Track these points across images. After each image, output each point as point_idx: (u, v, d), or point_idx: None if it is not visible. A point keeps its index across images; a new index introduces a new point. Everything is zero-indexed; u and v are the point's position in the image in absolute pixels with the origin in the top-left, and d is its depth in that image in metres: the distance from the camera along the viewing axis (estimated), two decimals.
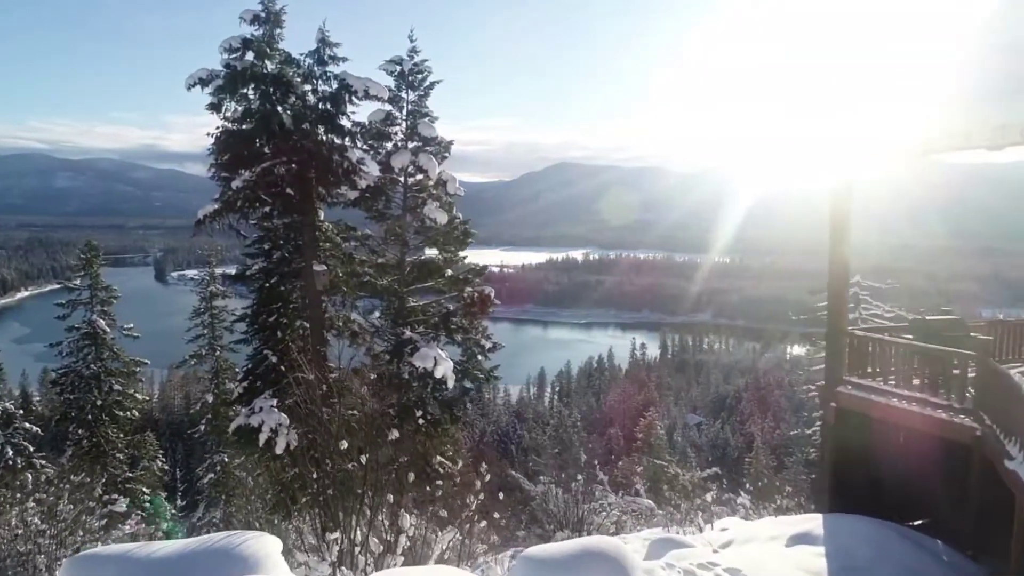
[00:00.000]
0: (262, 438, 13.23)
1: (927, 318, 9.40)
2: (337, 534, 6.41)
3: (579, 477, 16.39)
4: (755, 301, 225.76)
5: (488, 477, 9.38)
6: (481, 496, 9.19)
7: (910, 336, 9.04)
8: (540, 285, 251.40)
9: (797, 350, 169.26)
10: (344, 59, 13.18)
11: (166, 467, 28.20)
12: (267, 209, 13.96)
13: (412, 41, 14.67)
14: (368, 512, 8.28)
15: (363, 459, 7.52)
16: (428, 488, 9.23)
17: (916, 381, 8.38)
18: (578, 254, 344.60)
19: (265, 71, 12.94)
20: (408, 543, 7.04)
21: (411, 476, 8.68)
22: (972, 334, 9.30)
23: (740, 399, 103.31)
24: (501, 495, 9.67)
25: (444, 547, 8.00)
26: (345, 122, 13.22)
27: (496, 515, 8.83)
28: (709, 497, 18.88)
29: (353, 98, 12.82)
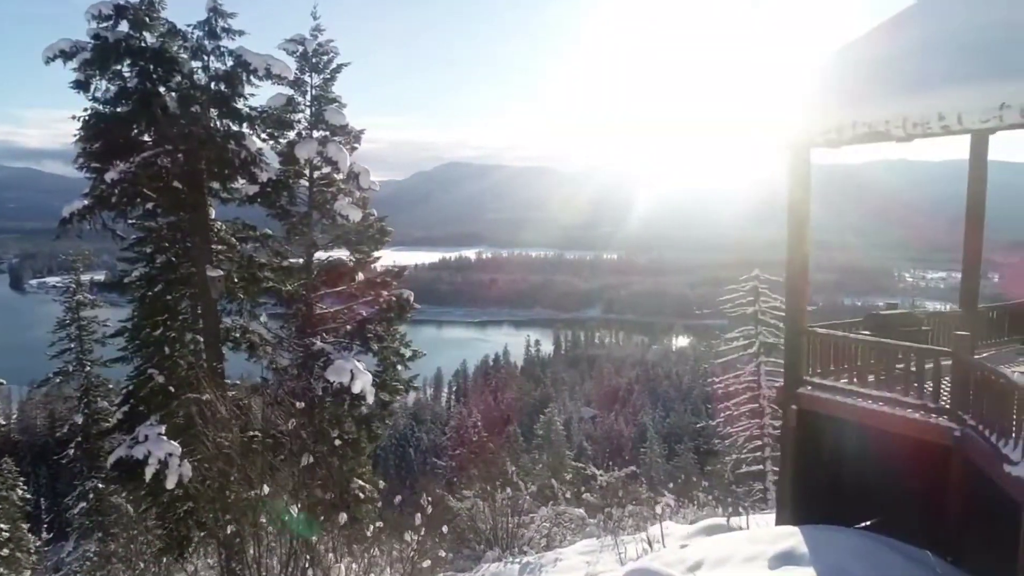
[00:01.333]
0: (149, 471, 11.40)
1: (882, 312, 9.15)
2: None
3: (507, 490, 15.48)
4: (642, 296, 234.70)
5: (430, 510, 8.30)
6: (422, 532, 8.12)
7: (867, 332, 8.71)
8: (434, 285, 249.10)
9: (682, 342, 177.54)
10: (240, 32, 11.46)
11: (28, 496, 25.45)
12: (149, 206, 12.06)
13: (315, 19, 13.15)
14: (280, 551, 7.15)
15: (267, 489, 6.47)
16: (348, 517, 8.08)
17: (878, 378, 8.01)
18: (471, 253, 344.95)
19: (144, 44, 11.06)
20: None
21: (340, 516, 7.53)
22: (924, 328, 9.14)
23: (632, 391, 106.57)
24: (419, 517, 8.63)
25: None
26: (242, 106, 11.56)
27: (412, 536, 7.82)
28: (632, 505, 18.58)
29: (252, 78, 11.18)
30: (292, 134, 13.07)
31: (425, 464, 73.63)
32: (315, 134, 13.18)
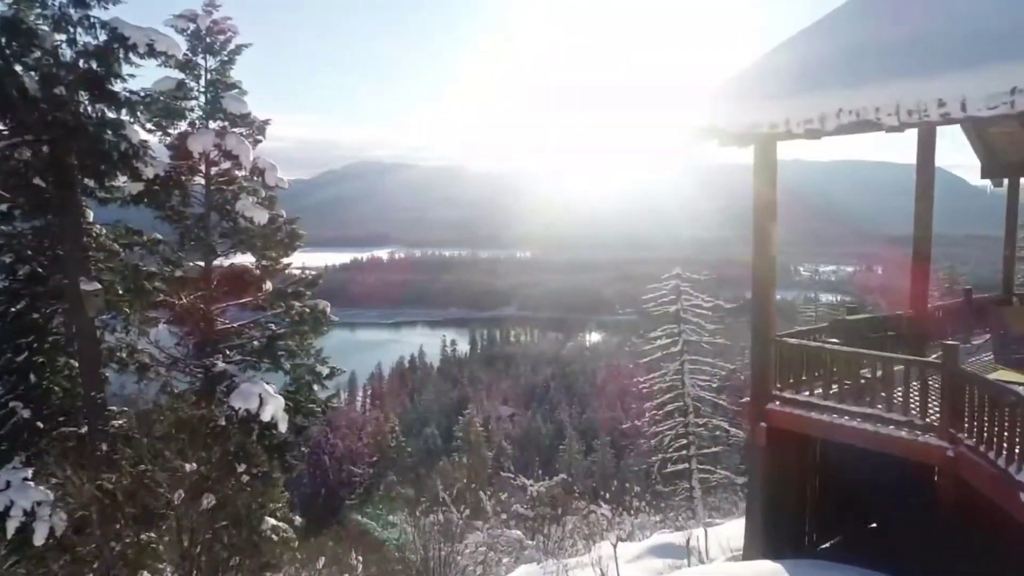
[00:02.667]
0: (12, 525, 9.51)
1: (848, 318, 8.56)
2: None
3: (440, 514, 14.29)
4: (556, 292, 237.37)
5: (360, 568, 7.06)
6: None
7: (835, 340, 8.07)
8: (345, 286, 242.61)
9: (596, 337, 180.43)
10: (116, 0, 9.63)
11: None
12: (5, 208, 10.10)
13: None
14: None
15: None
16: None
17: (854, 392, 7.35)
18: (383, 253, 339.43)
19: None
20: None
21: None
22: (890, 332, 8.62)
23: (548, 388, 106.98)
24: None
25: None
26: (120, 89, 9.78)
27: None
28: (569, 517, 17.73)
29: (131, 55, 9.42)
30: (184, 124, 11.34)
31: (341, 471, 70.96)
32: (212, 125, 11.50)
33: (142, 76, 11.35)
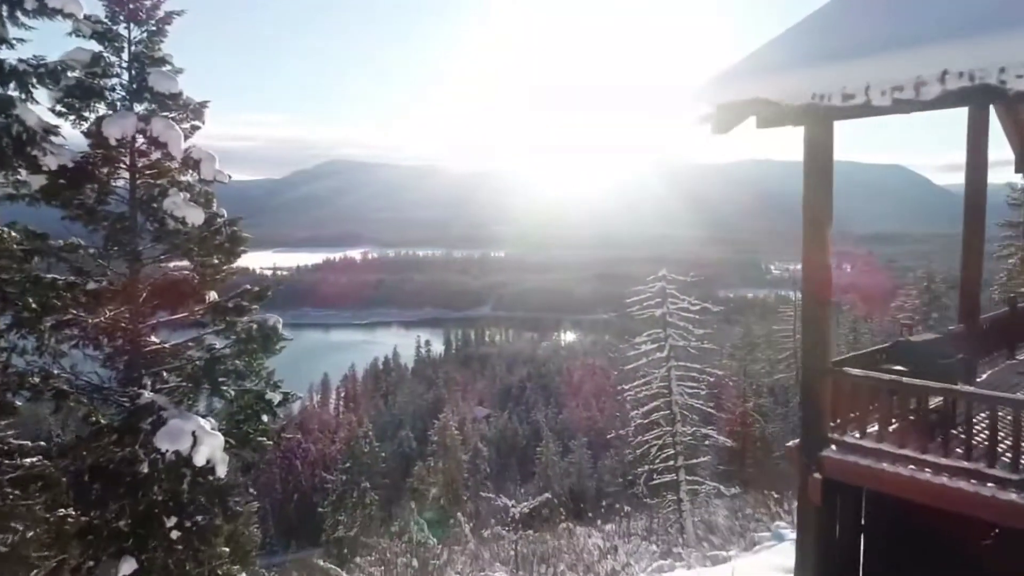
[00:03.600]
0: None
1: (913, 339, 7.00)
2: None
3: (413, 555, 12.62)
4: (530, 292, 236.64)
5: None
6: None
7: (901, 367, 6.51)
8: (318, 287, 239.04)
9: (570, 337, 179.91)
10: None
11: None
12: None
13: None
14: None
15: None
16: None
17: (932, 437, 5.80)
18: (356, 253, 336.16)
19: None
20: None
21: None
22: (960, 356, 7.08)
23: (524, 388, 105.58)
24: None
25: None
26: (4, 56, 7.87)
27: None
28: (560, 543, 16.09)
29: (18, 12, 7.52)
30: (103, 106, 9.43)
31: (313, 476, 68.66)
32: (137, 107, 9.60)
33: (51, 45, 9.44)
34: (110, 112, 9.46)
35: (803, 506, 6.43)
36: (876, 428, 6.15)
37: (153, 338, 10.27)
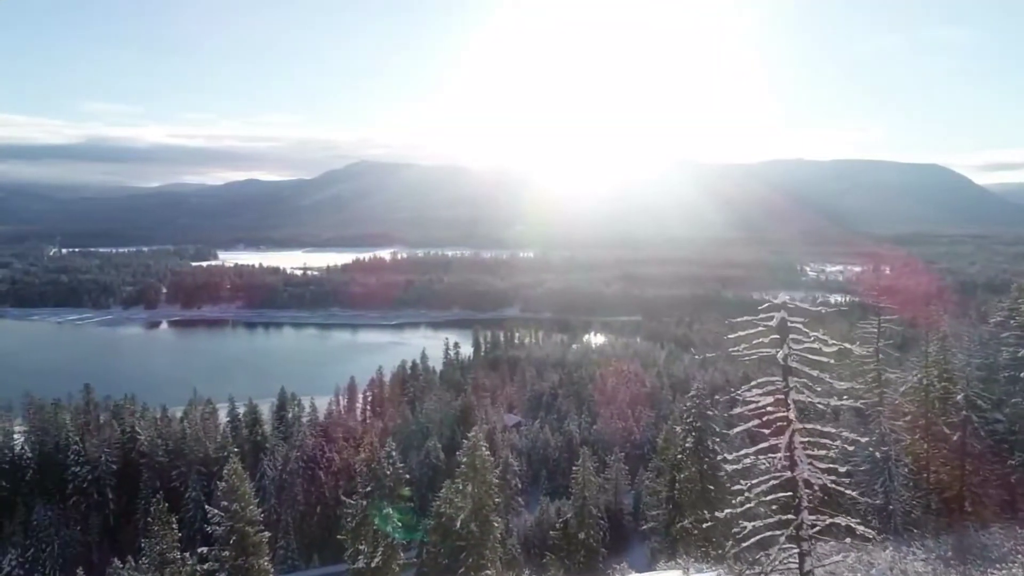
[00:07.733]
0: None
1: None
2: None
3: None
4: (557, 293, 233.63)
5: None
6: None
7: None
8: (347, 287, 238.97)
9: (600, 339, 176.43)
10: None
11: None
12: None
13: None
14: None
15: None
16: None
17: None
18: (385, 253, 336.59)
19: None
20: None
21: None
22: None
23: (556, 395, 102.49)
24: None
25: None
26: None
27: None
28: None
29: None
30: None
31: (337, 488, 66.08)
32: None
33: None
34: None
35: None
36: None
37: None
